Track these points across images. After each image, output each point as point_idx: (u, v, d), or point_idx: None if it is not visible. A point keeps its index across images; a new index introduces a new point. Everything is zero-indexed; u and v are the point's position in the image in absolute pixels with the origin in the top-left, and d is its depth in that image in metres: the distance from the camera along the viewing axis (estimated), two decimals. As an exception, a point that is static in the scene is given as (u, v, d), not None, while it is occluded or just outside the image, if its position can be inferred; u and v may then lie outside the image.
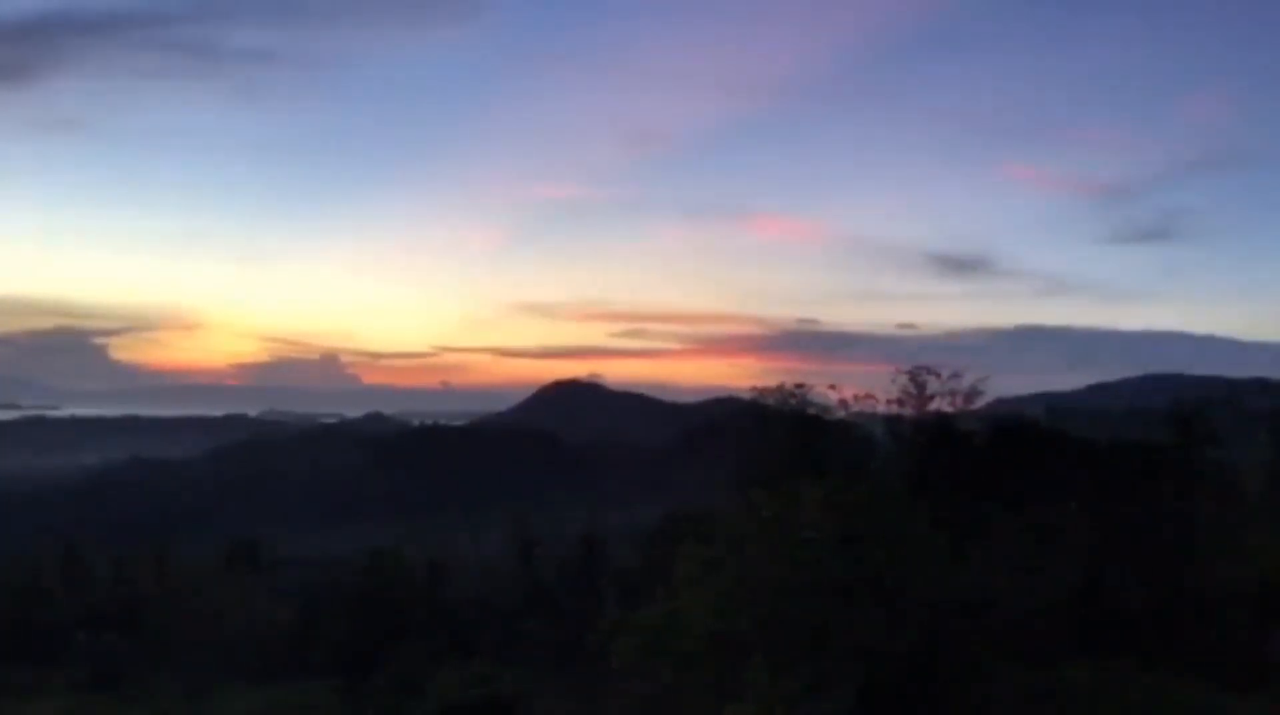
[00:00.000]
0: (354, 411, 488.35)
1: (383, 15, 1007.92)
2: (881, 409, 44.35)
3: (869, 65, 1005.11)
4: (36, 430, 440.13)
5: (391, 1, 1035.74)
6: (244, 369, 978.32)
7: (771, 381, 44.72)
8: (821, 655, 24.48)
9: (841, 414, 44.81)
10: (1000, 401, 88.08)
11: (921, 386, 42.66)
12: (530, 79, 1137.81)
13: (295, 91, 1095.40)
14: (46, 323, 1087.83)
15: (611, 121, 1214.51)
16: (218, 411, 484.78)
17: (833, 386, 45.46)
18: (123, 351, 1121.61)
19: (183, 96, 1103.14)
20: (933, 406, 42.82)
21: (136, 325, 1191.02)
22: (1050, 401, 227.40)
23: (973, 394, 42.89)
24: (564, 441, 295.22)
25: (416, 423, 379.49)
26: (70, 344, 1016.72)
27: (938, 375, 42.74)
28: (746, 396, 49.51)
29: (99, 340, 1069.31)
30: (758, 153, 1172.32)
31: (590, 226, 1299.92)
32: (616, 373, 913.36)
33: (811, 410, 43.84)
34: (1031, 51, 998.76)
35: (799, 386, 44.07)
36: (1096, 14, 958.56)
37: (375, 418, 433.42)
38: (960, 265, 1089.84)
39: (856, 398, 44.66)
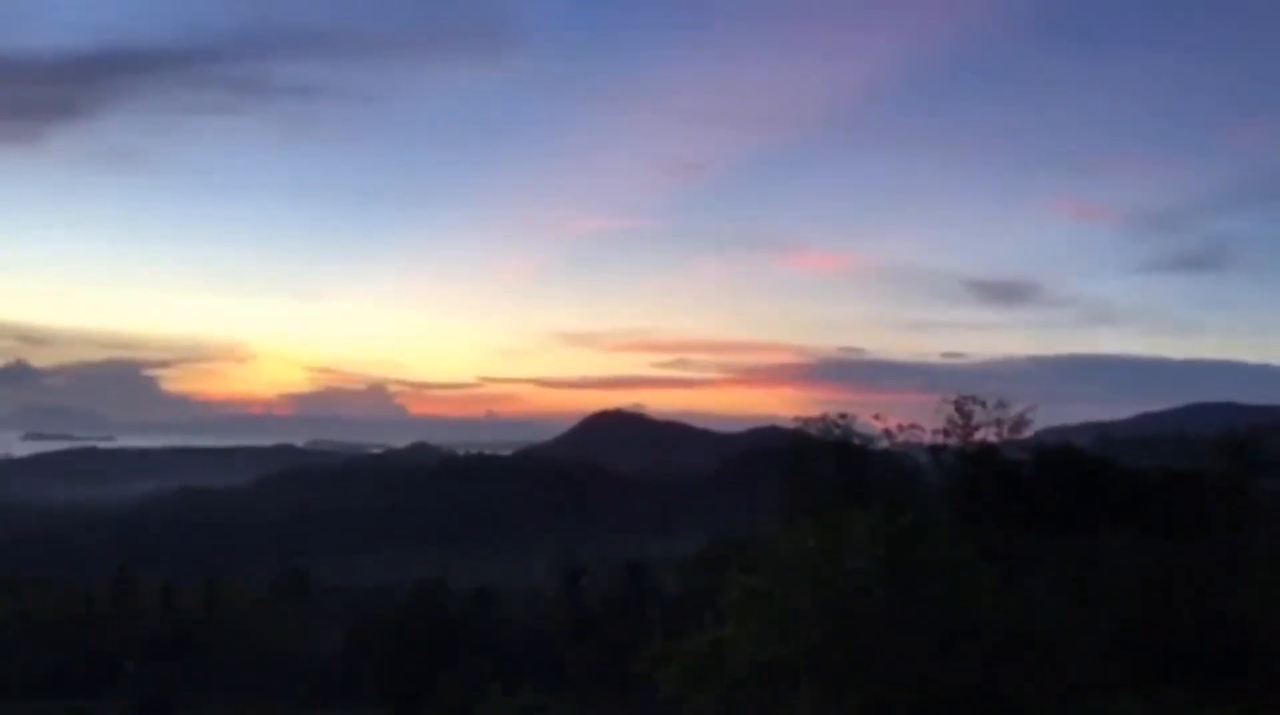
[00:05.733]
0: (400, 441, 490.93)
1: (426, 50, 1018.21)
2: (927, 439, 44.15)
3: (908, 96, 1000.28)
4: (89, 461, 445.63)
5: (435, 37, 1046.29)
6: (292, 400, 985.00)
7: (814, 411, 44.66)
8: (868, 686, 24.38)
9: (886, 444, 44.65)
10: (1048, 431, 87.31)
11: (967, 416, 42.46)
12: (570, 112, 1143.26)
13: (341, 126, 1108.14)
14: (99, 355, 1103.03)
15: (651, 154, 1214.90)
16: (266, 442, 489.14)
17: (877, 416, 45.35)
18: (174, 383, 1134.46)
19: (231, 131, 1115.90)
20: (979, 436, 42.59)
21: (187, 357, 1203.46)
22: (1099, 431, 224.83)
23: (1020, 423, 42.65)
24: (607, 471, 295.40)
25: (461, 453, 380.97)
26: (122, 376, 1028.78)
27: (983, 404, 42.54)
28: (789, 426, 49.47)
29: (150, 372, 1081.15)
30: (797, 183, 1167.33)
31: (631, 258, 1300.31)
32: (659, 403, 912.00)
33: (856, 440, 43.71)
34: (1074, 80, 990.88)
35: (843, 416, 43.99)
36: (1142, 42, 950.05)
37: (421, 448, 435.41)
38: (1005, 294, 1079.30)
39: (901, 427, 44.53)
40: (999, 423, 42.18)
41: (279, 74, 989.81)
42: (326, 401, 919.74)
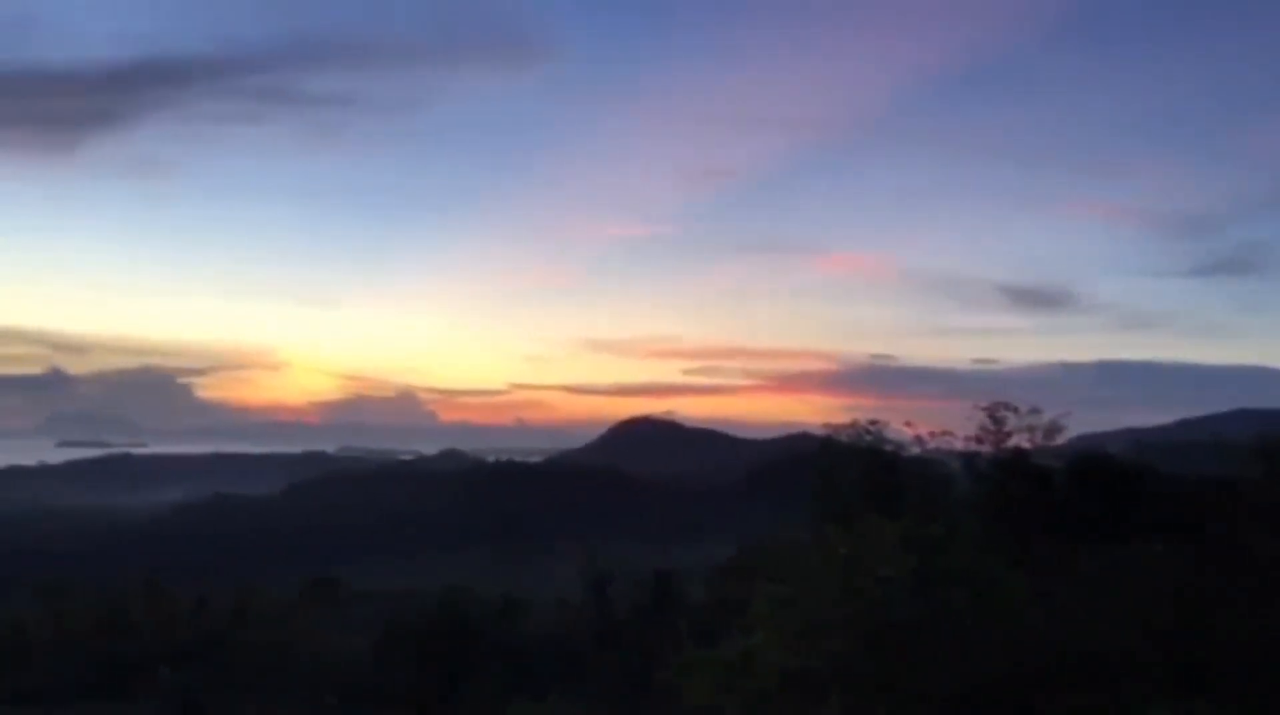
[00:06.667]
0: (430, 448, 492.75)
1: (454, 59, 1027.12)
2: (958, 446, 43.65)
3: (937, 99, 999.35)
4: (123, 467, 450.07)
5: (463, 46, 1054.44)
6: (323, 407, 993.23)
7: (844, 418, 44.31)
8: (898, 696, 24.11)
9: (917, 451, 44.17)
10: (1082, 438, 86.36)
11: (1000, 422, 41.95)
12: (599, 119, 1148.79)
13: (370, 134, 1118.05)
14: (132, 362, 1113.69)
15: (679, 160, 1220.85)
16: (297, 449, 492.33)
17: (908, 423, 44.84)
18: (206, 390, 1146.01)
19: (262, 140, 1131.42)
20: (1012, 443, 42.08)
21: (219, 364, 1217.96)
22: (1136, 437, 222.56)
23: (1053, 430, 42.08)
24: (637, 478, 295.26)
25: (491, 460, 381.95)
26: (155, 383, 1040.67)
27: (1016, 411, 42.02)
28: (819, 433, 49.04)
29: (184, 379, 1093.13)
30: (826, 189, 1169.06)
31: (660, 264, 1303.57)
32: (689, 410, 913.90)
33: (886, 447, 43.27)
34: (1106, 84, 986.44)
35: (873, 422, 43.53)
36: (1171, 46, 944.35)
37: (451, 455, 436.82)
38: (1037, 300, 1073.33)
39: (933, 434, 44.02)
40: (1032, 429, 41.67)
41: (308, 84, 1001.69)
42: (357, 408, 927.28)
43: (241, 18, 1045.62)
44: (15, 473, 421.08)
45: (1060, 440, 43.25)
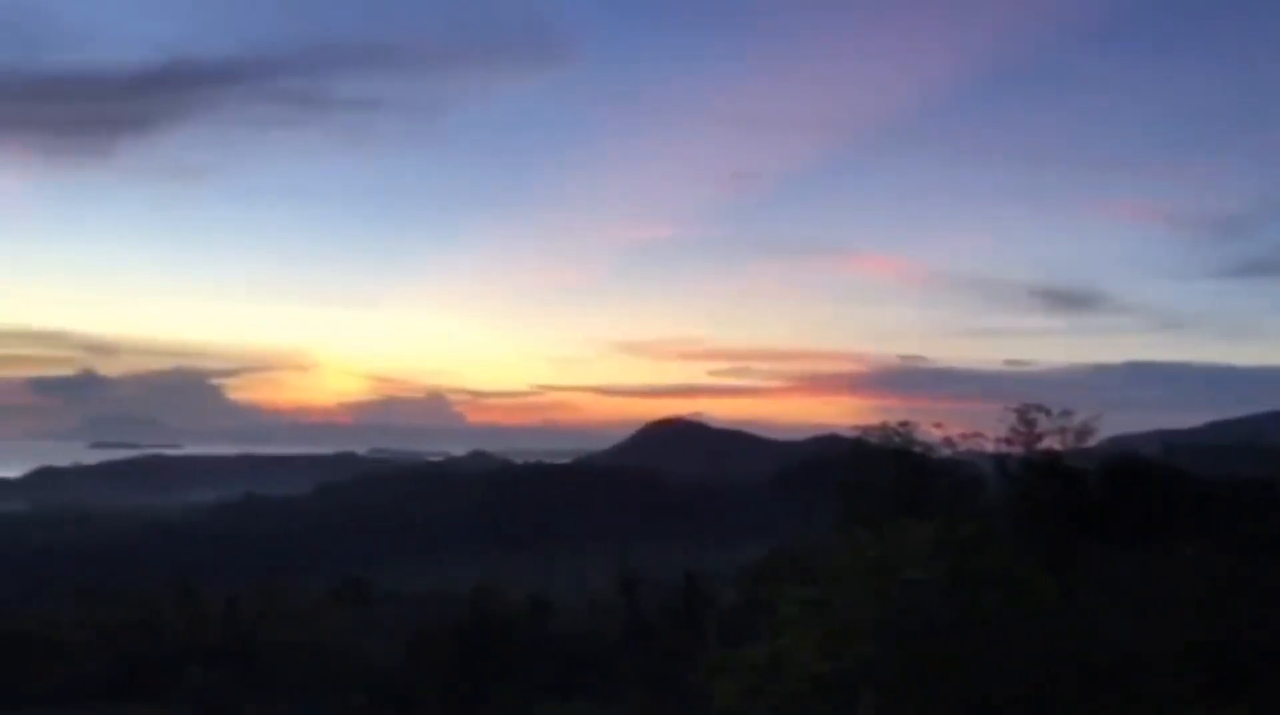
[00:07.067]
0: (458, 450, 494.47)
1: (483, 62, 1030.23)
2: (989, 448, 43.37)
3: (965, 102, 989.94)
4: (155, 468, 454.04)
5: (491, 49, 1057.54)
6: (353, 408, 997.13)
7: (874, 419, 44.03)
8: (929, 699, 23.94)
9: (947, 452, 43.90)
10: (1114, 440, 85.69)
11: (1031, 424, 41.65)
12: (625, 121, 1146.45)
13: (399, 137, 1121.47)
14: (165, 364, 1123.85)
15: (706, 161, 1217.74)
16: (328, 450, 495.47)
17: (938, 424, 44.57)
18: (238, 392, 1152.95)
19: (292, 143, 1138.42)
20: (1043, 445, 41.77)
21: (251, 366, 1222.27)
22: (1167, 439, 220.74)
23: (1085, 432, 41.77)
24: (666, 480, 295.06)
25: (520, 461, 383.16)
26: (187, 385, 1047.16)
27: (1048, 412, 41.71)
28: (849, 434, 48.84)
29: (215, 381, 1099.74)
30: (854, 190, 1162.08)
31: (688, 266, 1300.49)
32: (718, 411, 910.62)
33: (917, 448, 43.03)
34: (1137, 84, 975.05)
35: (903, 424, 43.31)
36: (1201, 46, 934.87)
37: (479, 456, 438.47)
38: (1068, 301, 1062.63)
39: (963, 436, 43.75)
40: (1063, 431, 41.35)
41: (338, 87, 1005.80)
42: (386, 410, 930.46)
43: (272, 23, 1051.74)
44: (49, 473, 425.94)
45: (1092, 442, 42.94)
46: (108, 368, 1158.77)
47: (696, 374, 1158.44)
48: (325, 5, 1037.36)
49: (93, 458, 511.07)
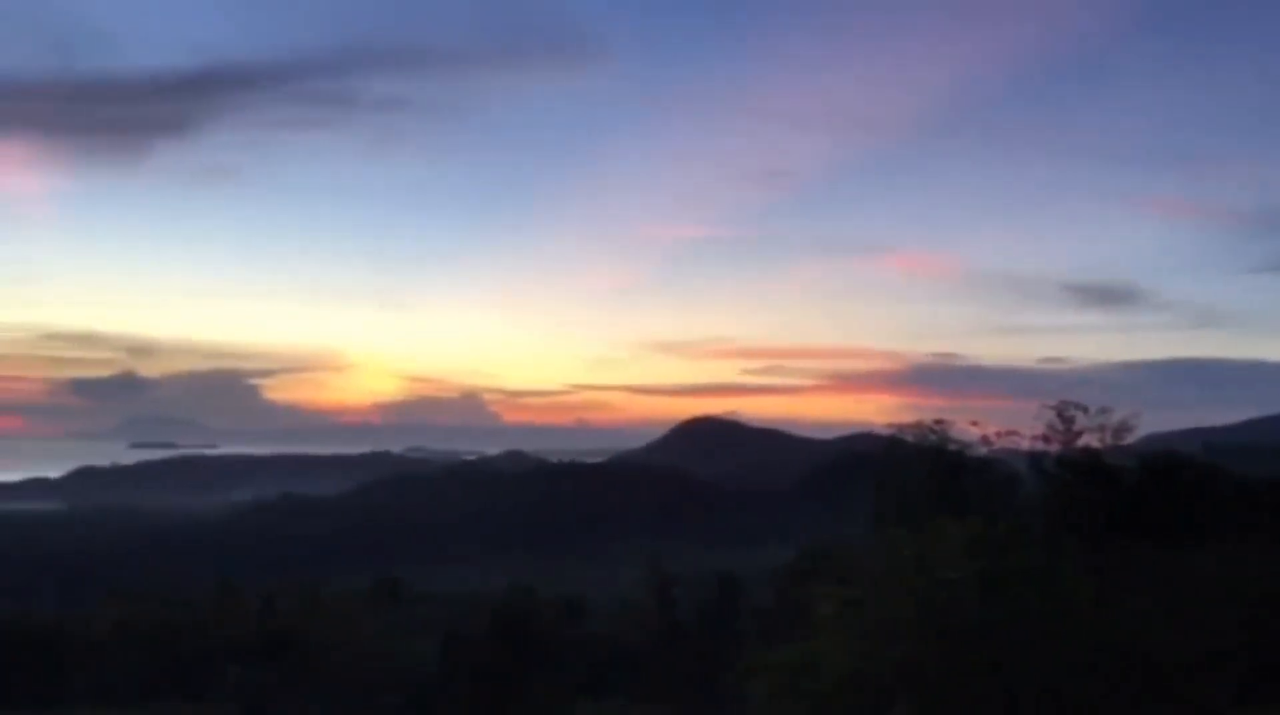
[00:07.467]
0: (493, 449, 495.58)
1: (513, 63, 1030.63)
2: (1025, 445, 42.95)
3: (1001, 98, 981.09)
4: (193, 468, 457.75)
5: (521, 50, 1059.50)
6: (388, 408, 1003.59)
7: (909, 417, 43.80)
8: (966, 698, 23.73)
9: (983, 451, 43.51)
10: (1152, 437, 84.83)
11: (1068, 422, 41.22)
12: (657, 120, 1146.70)
13: (431, 138, 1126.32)
14: (203, 365, 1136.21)
15: (739, 161, 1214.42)
16: (364, 449, 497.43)
17: (974, 422, 44.19)
18: (275, 392, 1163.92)
19: (325, 145, 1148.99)
20: (1080, 443, 41.33)
21: (288, 366, 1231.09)
22: (1206, 437, 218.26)
23: (1123, 429, 41.30)
24: (700, 478, 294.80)
25: (554, 460, 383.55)
26: (225, 385, 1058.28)
27: (1085, 410, 41.26)
28: (884, 433, 48.55)
29: (252, 381, 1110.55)
30: (888, 188, 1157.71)
31: (722, 265, 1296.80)
32: (752, 409, 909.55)
33: (952, 446, 42.68)
34: (1174, 79, 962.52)
35: (938, 422, 42.99)
36: (1240, 41, 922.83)
37: (514, 455, 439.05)
38: (1105, 298, 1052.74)
39: (999, 434, 43.35)
40: (1101, 429, 40.90)
41: (370, 89, 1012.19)
42: (421, 409, 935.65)
43: (304, 27, 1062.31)
44: (89, 473, 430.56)
45: (1130, 440, 42.46)
46: (146, 369, 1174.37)
47: (730, 373, 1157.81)
48: (355, 8, 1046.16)
49: (131, 458, 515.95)
